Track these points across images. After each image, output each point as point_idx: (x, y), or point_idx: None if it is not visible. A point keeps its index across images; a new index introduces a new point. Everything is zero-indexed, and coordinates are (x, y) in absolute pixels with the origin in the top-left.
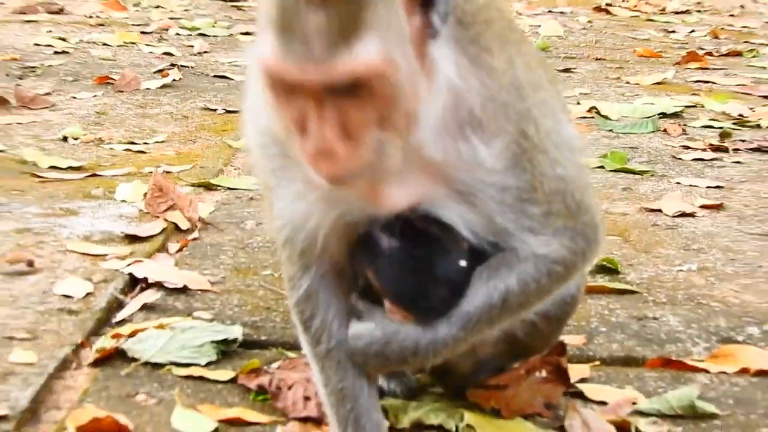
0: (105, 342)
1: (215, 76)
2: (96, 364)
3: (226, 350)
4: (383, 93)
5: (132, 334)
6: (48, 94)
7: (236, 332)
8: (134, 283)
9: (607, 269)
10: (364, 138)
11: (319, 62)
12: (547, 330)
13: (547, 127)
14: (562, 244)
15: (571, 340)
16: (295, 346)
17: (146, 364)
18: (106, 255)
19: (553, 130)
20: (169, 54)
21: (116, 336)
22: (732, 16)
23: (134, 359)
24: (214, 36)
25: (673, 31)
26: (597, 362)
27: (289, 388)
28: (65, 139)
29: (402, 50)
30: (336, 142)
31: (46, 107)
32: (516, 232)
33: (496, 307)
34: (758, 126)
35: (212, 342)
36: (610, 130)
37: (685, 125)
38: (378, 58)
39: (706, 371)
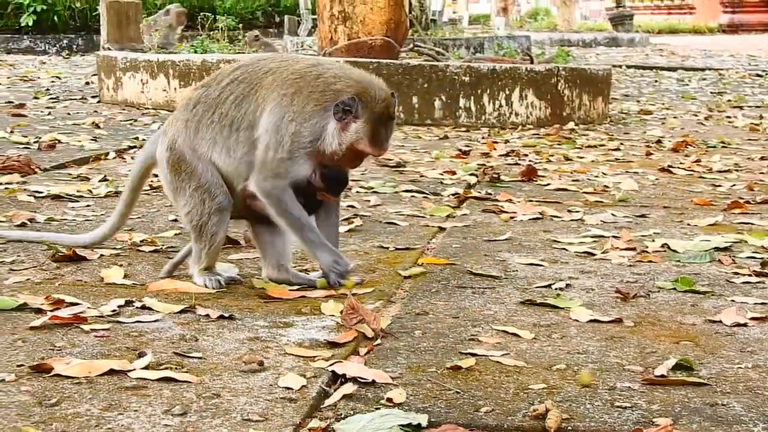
0: (317, 423)
1: (386, 222)
2: None
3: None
4: None
5: (337, 418)
6: None
7: (420, 418)
8: (336, 379)
9: (684, 366)
10: None
11: None
12: None
13: None
14: None
15: (659, 422)
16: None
17: None
18: (314, 357)
19: None
20: (353, 206)
21: (325, 419)
22: (762, 173)
23: None
24: (384, 193)
25: (720, 185)
26: None
27: None
28: None
29: None
30: None
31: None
32: None
33: None
34: None
35: (400, 426)
36: (678, 261)
37: (734, 257)
38: None
39: None
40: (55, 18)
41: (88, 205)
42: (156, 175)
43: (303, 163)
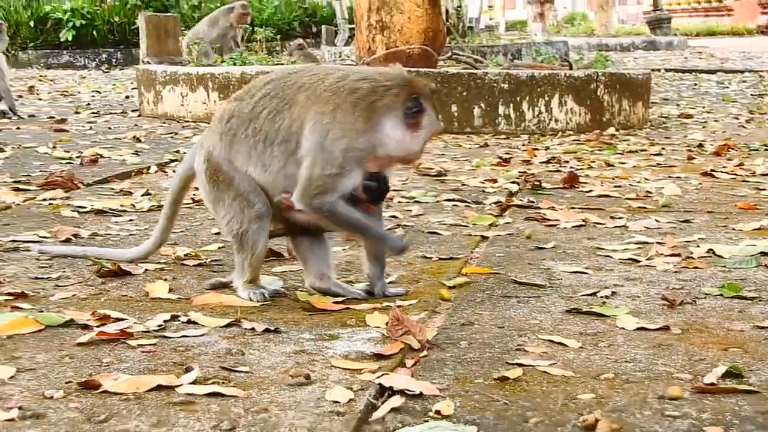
0: None
1: (429, 232)
2: None
3: None
4: None
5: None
6: None
7: (469, 430)
8: (383, 391)
9: (734, 374)
10: None
11: None
12: None
13: None
14: None
15: (710, 430)
16: None
17: None
18: (361, 369)
19: None
20: (395, 216)
21: None
22: None
23: None
24: (426, 202)
25: (764, 189)
26: None
27: None
28: None
29: None
30: None
31: None
32: None
33: None
34: None
35: None
36: (724, 266)
37: None
38: None
39: None
40: (94, 33)
41: (131, 220)
42: (197, 188)
43: (354, 176)
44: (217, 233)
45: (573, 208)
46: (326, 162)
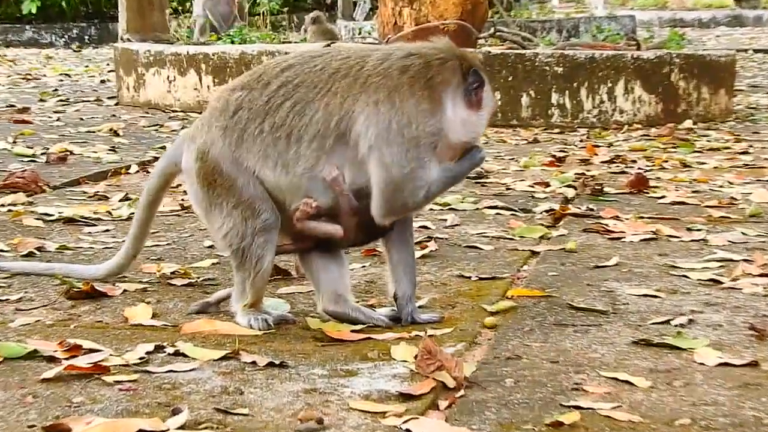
0: None
1: (467, 246)
2: None
3: None
4: None
5: None
6: None
7: None
8: None
9: None
10: None
11: None
12: None
13: None
14: None
15: None
16: None
17: None
18: (384, 413)
19: None
20: (426, 227)
21: None
22: None
23: None
24: (463, 210)
25: None
26: None
27: None
28: None
29: None
30: None
31: None
32: None
33: None
34: None
35: None
36: None
37: None
38: None
39: None
40: (63, 4)
41: (107, 230)
42: (185, 191)
43: (434, 167)
44: (211, 246)
45: (641, 217)
46: (400, 158)
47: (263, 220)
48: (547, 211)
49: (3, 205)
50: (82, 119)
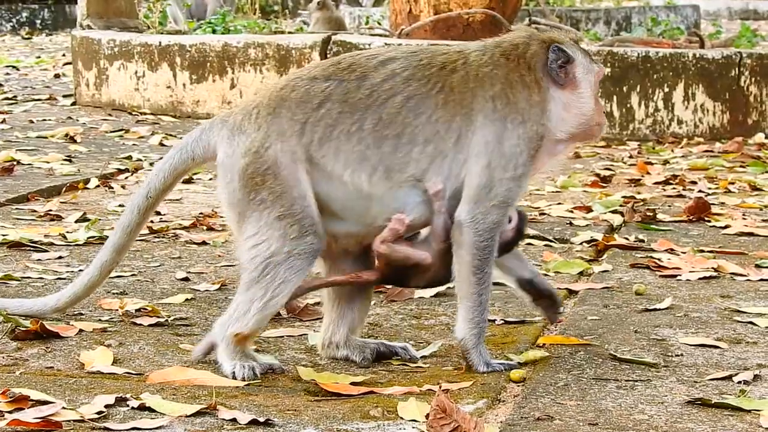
0: None
1: (493, 283)
2: None
3: None
4: None
5: None
6: (317, 304)
7: None
8: None
9: None
10: None
11: None
12: None
13: None
14: None
15: None
16: None
17: None
18: None
19: None
20: None
21: None
22: None
23: None
24: None
25: None
26: None
27: None
28: None
29: None
30: None
31: (319, 318)
32: None
33: None
34: None
35: None
36: None
37: None
38: None
39: None
40: None
41: (60, 257)
42: (158, 212)
43: (527, 182)
44: (185, 279)
45: (701, 251)
46: (509, 160)
47: (308, 243)
48: (588, 242)
49: None
50: (32, 122)
